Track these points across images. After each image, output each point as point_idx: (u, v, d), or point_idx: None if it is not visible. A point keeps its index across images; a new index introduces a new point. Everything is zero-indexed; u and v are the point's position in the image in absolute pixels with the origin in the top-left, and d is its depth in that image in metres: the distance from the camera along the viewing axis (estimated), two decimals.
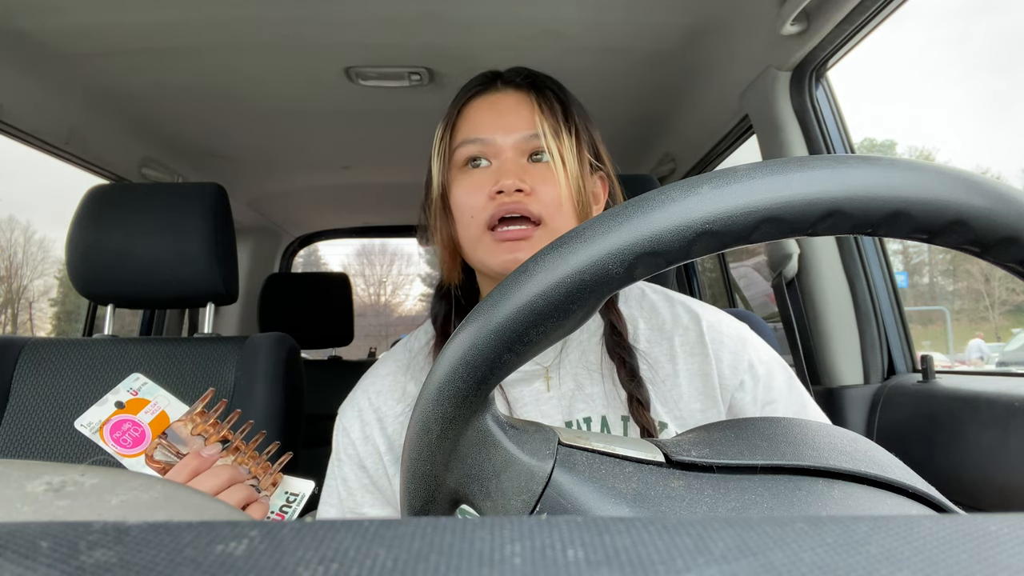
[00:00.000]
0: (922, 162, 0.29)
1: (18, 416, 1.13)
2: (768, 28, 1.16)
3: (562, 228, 0.70)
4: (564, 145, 0.71)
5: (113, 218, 1.17)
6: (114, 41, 1.29)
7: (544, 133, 0.70)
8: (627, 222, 0.28)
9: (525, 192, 0.69)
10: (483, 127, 0.72)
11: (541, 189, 0.70)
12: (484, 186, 0.71)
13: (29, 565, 0.14)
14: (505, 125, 0.72)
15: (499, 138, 0.71)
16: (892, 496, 0.32)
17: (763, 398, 0.71)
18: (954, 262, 22.80)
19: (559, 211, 0.70)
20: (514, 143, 0.71)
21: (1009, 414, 0.91)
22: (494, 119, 0.72)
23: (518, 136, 0.71)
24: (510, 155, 0.71)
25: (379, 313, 25.68)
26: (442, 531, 0.15)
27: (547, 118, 0.71)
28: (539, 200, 0.69)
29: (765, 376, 0.71)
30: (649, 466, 0.33)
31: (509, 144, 0.71)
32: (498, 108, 0.73)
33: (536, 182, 0.70)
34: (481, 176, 0.71)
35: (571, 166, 0.71)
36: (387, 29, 1.28)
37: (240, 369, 1.17)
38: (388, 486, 0.73)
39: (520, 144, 0.71)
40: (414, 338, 0.81)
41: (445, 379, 0.30)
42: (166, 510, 0.29)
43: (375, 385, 0.76)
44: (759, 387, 0.71)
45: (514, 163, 0.71)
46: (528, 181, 0.70)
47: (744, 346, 0.72)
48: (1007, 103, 53.61)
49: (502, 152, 0.71)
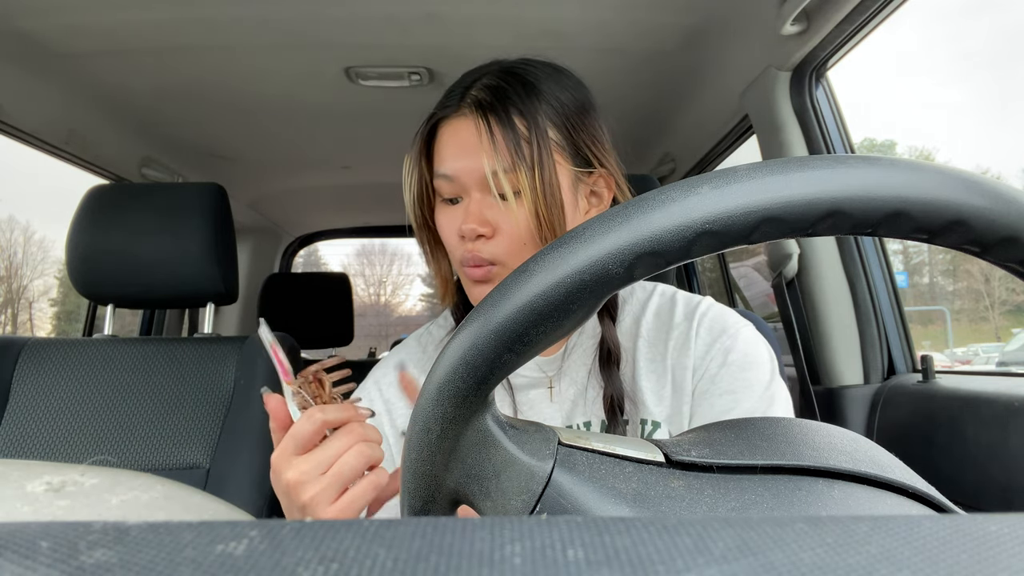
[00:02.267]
0: (922, 162, 0.29)
1: (18, 416, 1.13)
2: (768, 28, 1.16)
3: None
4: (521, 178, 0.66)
5: (113, 218, 1.17)
6: (114, 41, 1.29)
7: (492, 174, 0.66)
8: (627, 222, 0.28)
9: (486, 236, 0.68)
10: (448, 158, 0.70)
11: (505, 228, 0.68)
12: (455, 222, 0.70)
13: (29, 565, 0.14)
14: (464, 159, 0.68)
15: (462, 175, 0.69)
16: (892, 496, 0.32)
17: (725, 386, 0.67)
18: (954, 262, 22.80)
19: (524, 249, 0.68)
20: (477, 179, 0.68)
21: (1009, 414, 0.91)
22: (455, 151, 0.69)
23: (479, 172, 0.68)
24: (476, 195, 0.69)
25: (379, 313, 25.67)
26: (442, 531, 0.15)
27: (501, 153, 0.66)
28: (499, 242, 0.68)
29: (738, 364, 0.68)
30: (649, 466, 0.33)
31: (472, 180, 0.68)
32: (458, 140, 0.70)
33: (500, 220, 0.68)
34: (453, 213, 0.71)
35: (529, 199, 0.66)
36: (387, 29, 1.28)
37: (240, 369, 1.17)
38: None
39: (482, 180, 0.68)
40: (426, 333, 0.82)
41: (445, 379, 0.30)
42: (166, 510, 0.29)
43: (386, 377, 0.78)
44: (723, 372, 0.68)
45: (477, 203, 0.69)
46: (492, 220, 0.68)
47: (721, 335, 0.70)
48: (1007, 101, 53.59)
49: (468, 189, 0.69)
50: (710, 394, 0.68)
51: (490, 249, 0.68)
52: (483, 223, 0.68)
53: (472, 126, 0.69)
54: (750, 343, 0.70)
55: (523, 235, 0.68)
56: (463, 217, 0.69)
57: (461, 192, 0.70)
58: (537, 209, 0.67)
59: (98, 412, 1.14)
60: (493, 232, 0.68)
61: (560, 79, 0.73)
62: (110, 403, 1.14)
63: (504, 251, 0.68)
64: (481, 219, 0.68)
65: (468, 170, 0.69)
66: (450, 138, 0.71)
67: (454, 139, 0.70)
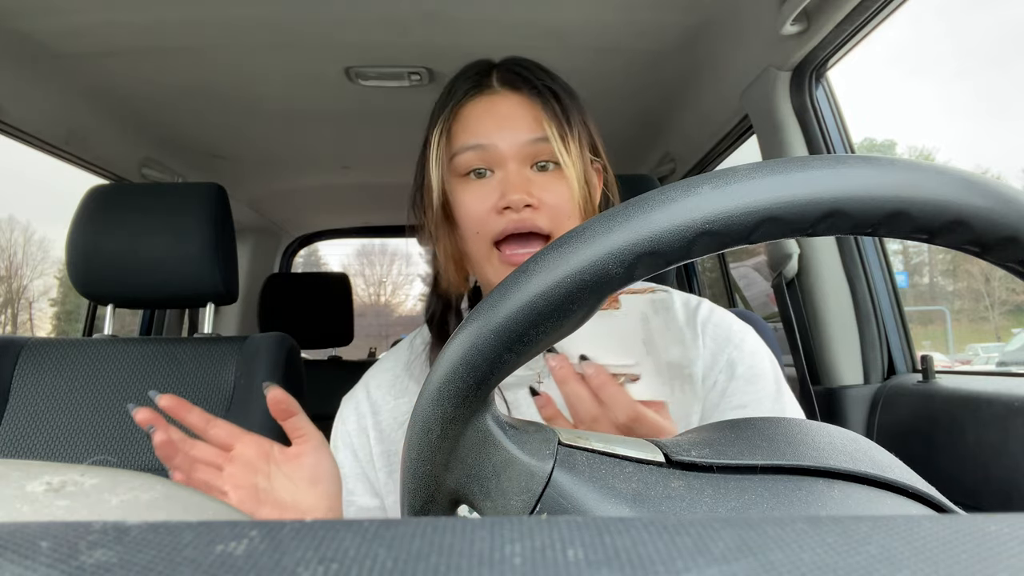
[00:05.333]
0: (922, 162, 0.29)
1: (18, 416, 1.13)
2: (768, 28, 1.16)
3: None
4: (571, 149, 0.68)
5: (113, 218, 1.17)
6: (114, 41, 1.29)
7: (555, 137, 0.68)
8: (627, 222, 0.28)
9: (533, 207, 0.67)
10: (483, 132, 0.69)
11: (549, 200, 0.68)
12: (488, 198, 0.68)
13: (29, 565, 0.14)
14: (507, 130, 0.69)
15: (501, 144, 0.68)
16: (892, 496, 0.32)
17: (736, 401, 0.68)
18: (954, 262, 22.79)
19: (567, 220, 0.68)
20: (517, 149, 0.68)
21: (1009, 414, 0.91)
22: (495, 123, 0.70)
23: (521, 141, 0.68)
24: (513, 166, 0.68)
25: (379, 313, 25.64)
26: (442, 531, 0.15)
27: (553, 122, 0.68)
28: (547, 213, 0.68)
29: (745, 377, 0.68)
30: (649, 466, 0.33)
31: (512, 151, 0.68)
32: (497, 112, 0.70)
33: (543, 193, 0.68)
34: (484, 187, 0.69)
35: (578, 168, 0.69)
36: (387, 29, 1.28)
37: (240, 369, 1.17)
38: (376, 478, 0.74)
39: (523, 150, 0.69)
40: (419, 337, 0.81)
41: (445, 379, 0.30)
42: (166, 510, 0.29)
43: (375, 379, 0.78)
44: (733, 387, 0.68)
45: (518, 175, 0.68)
46: (535, 193, 0.67)
47: (726, 345, 0.70)
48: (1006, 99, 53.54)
49: (505, 161, 0.69)
50: (721, 408, 0.68)
51: (539, 218, 0.67)
52: (529, 193, 0.67)
53: (509, 100, 0.71)
54: (756, 355, 0.70)
55: (567, 205, 0.68)
56: (503, 187, 0.68)
57: (494, 165, 0.69)
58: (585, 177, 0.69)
59: (98, 412, 1.14)
60: (539, 204, 0.67)
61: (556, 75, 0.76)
62: (110, 403, 1.14)
63: (553, 221, 0.68)
64: (527, 189, 0.67)
65: (509, 140, 0.68)
66: (485, 112, 0.71)
67: (489, 112, 0.71)
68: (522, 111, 0.70)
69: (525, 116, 0.69)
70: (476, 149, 0.69)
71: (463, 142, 0.70)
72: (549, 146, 0.68)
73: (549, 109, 0.69)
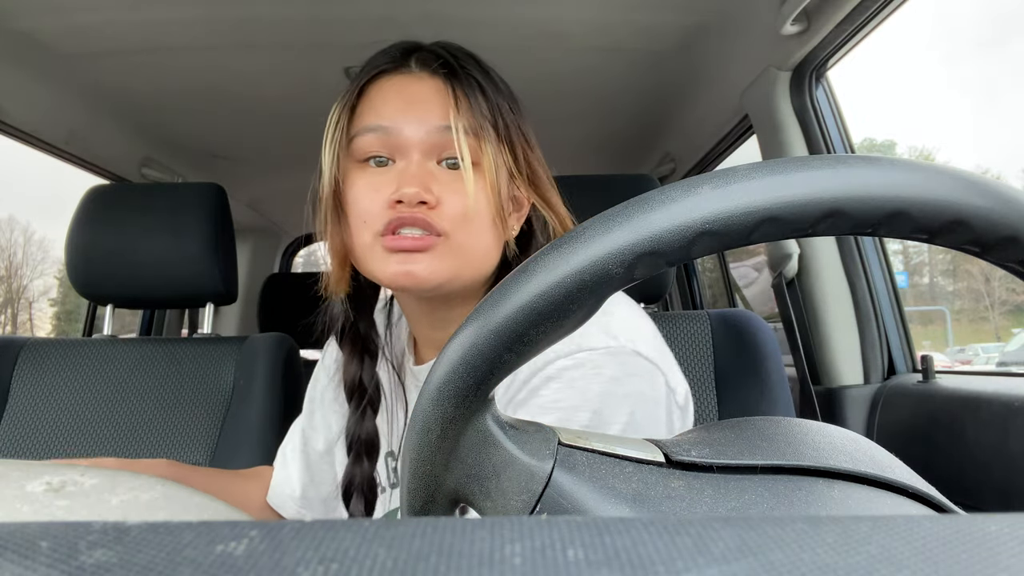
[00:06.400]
0: (922, 162, 0.29)
1: (18, 416, 1.13)
2: (768, 28, 1.16)
3: (468, 243, 0.61)
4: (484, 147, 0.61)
5: (113, 218, 1.17)
6: (114, 41, 1.29)
7: (456, 130, 0.60)
8: (627, 222, 0.28)
9: (429, 205, 0.59)
10: (387, 113, 0.62)
11: (449, 201, 0.60)
12: (383, 188, 0.61)
13: (29, 565, 0.14)
14: (413, 114, 0.61)
15: (406, 129, 0.61)
16: (892, 496, 0.32)
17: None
18: (954, 262, 22.77)
19: (467, 226, 0.60)
20: (423, 137, 0.61)
21: (1009, 414, 0.91)
22: (401, 105, 0.62)
23: (428, 128, 0.61)
24: (416, 157, 0.61)
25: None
26: (442, 531, 0.15)
27: (464, 114, 0.61)
28: (444, 214, 0.60)
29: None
30: (649, 466, 0.33)
31: (417, 138, 0.61)
32: (407, 94, 0.63)
33: (444, 192, 0.60)
34: (381, 177, 0.61)
35: (489, 173, 0.61)
36: (387, 29, 1.28)
37: (239, 369, 1.17)
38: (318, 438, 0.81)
39: (430, 138, 0.61)
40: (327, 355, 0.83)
41: (445, 379, 0.30)
42: (166, 510, 0.29)
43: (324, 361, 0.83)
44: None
45: (419, 167, 0.61)
46: (435, 190, 0.60)
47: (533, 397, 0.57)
48: None
49: (408, 149, 0.61)
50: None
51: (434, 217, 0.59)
52: (427, 189, 0.59)
53: (423, 83, 0.63)
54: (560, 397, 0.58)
55: (471, 209, 0.60)
56: (399, 180, 0.60)
57: (396, 152, 0.62)
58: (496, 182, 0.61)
59: (98, 412, 1.14)
60: (436, 203, 0.60)
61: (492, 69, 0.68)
62: (110, 403, 1.14)
63: (450, 222, 0.60)
64: (425, 184, 0.59)
65: (415, 126, 0.61)
66: (394, 91, 0.63)
67: (400, 94, 0.63)
68: (436, 96, 0.62)
69: (438, 102, 0.62)
70: (377, 131, 0.62)
71: (364, 123, 0.63)
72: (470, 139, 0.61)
73: (464, 100, 0.61)
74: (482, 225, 0.62)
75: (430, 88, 0.63)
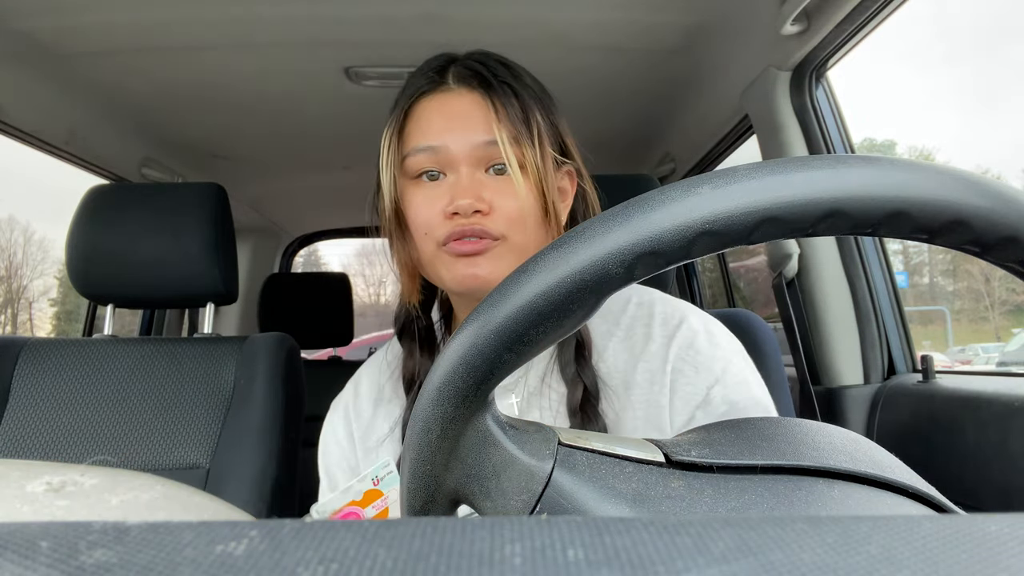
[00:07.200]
0: (922, 162, 0.29)
1: (18, 416, 1.13)
2: (768, 28, 1.16)
3: (526, 242, 0.66)
4: (525, 151, 0.65)
5: (113, 218, 1.17)
6: (114, 41, 1.29)
7: (502, 141, 0.64)
8: (627, 222, 0.28)
9: (483, 212, 0.64)
10: (433, 132, 0.66)
11: (501, 205, 0.64)
12: (438, 201, 0.65)
13: (29, 565, 0.14)
14: (458, 131, 0.66)
15: (452, 145, 0.65)
16: (892, 496, 0.32)
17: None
18: (954, 262, 22.76)
19: (522, 226, 0.65)
20: (469, 151, 0.65)
21: (1009, 414, 0.91)
22: (445, 123, 0.66)
23: (473, 143, 0.65)
24: (465, 169, 0.65)
25: (379, 313, 25.60)
26: (442, 531, 0.15)
27: (504, 124, 0.65)
28: (498, 218, 0.64)
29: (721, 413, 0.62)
30: (649, 466, 0.33)
31: (464, 153, 0.65)
32: (449, 111, 0.67)
33: (495, 197, 0.65)
34: (435, 191, 0.66)
35: (533, 174, 0.65)
36: (387, 29, 1.28)
37: (240, 369, 1.17)
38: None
39: (476, 152, 0.65)
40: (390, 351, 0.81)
41: (445, 379, 0.30)
42: (166, 510, 0.29)
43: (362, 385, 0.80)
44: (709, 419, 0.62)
45: (470, 178, 0.65)
46: (487, 197, 0.64)
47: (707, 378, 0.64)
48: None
49: (456, 163, 0.65)
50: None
51: (489, 223, 0.64)
52: (479, 199, 0.64)
53: (463, 99, 0.67)
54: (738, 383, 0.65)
55: (523, 210, 0.65)
56: (453, 192, 0.64)
57: (446, 167, 0.66)
58: (541, 183, 0.65)
59: (98, 412, 1.14)
60: (489, 209, 0.64)
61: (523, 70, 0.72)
62: (110, 403, 1.14)
63: (505, 225, 0.64)
64: (477, 194, 0.64)
65: (461, 142, 0.65)
66: (436, 111, 0.68)
67: (442, 111, 0.67)
68: (476, 111, 0.66)
69: (479, 116, 0.66)
70: (427, 151, 0.66)
71: (414, 144, 0.67)
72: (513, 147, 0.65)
73: (503, 107, 0.66)
74: (535, 222, 0.66)
75: (469, 103, 0.67)
